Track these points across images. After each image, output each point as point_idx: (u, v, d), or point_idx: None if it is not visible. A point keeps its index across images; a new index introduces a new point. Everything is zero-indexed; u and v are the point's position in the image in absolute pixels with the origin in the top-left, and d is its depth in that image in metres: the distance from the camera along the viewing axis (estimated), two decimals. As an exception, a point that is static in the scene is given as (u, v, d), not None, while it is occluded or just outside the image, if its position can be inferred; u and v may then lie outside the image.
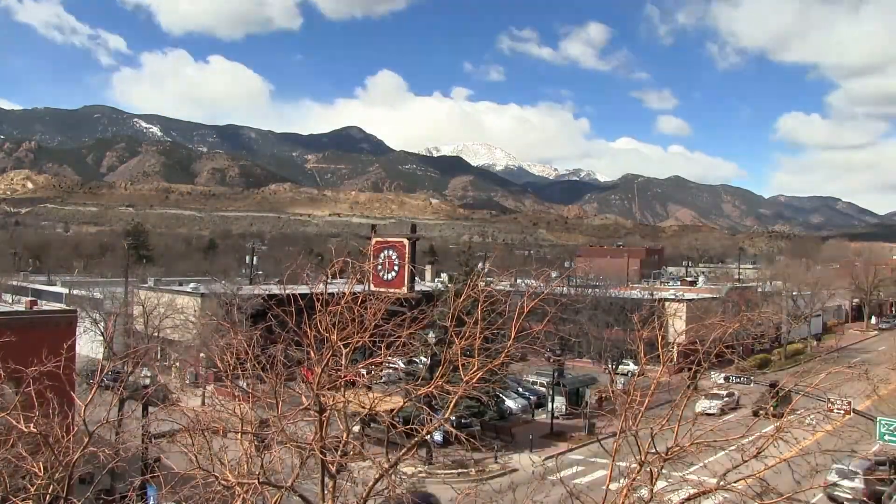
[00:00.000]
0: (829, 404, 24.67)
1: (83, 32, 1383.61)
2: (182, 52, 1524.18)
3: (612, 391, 10.23)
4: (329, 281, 10.48)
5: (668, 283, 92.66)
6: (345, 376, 9.50)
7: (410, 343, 10.32)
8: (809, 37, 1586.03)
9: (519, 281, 57.63)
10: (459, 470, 31.81)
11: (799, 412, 9.69)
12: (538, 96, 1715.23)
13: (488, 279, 24.90)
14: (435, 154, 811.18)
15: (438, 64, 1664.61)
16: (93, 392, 11.16)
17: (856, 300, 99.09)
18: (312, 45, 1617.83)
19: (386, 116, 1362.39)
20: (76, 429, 10.66)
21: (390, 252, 35.56)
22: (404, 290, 33.44)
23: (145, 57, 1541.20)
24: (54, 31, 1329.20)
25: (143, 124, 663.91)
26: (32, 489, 9.86)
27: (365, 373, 10.72)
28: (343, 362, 9.42)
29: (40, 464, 9.78)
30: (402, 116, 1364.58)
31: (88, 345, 47.61)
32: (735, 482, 8.69)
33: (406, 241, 35.35)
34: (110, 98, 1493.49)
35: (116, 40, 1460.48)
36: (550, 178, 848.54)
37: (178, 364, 47.20)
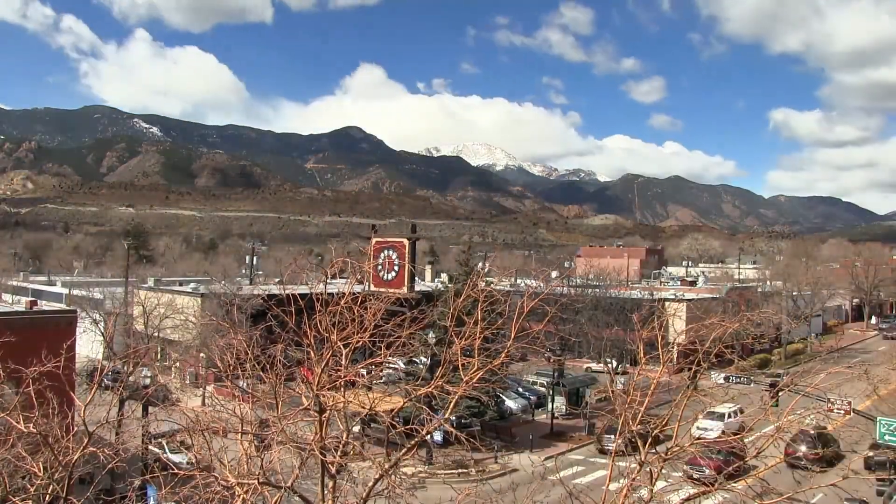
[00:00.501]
0: (830, 404, 24.70)
1: (46, 16, 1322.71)
2: (147, 43, 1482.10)
3: (612, 391, 10.22)
4: (329, 281, 10.47)
5: (668, 283, 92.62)
6: (345, 376, 9.50)
7: (410, 343, 10.31)
8: (807, 27, 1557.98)
9: (519, 281, 57.67)
10: (459, 470, 31.82)
11: (799, 412, 9.69)
12: (526, 91, 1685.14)
13: (488, 279, 24.88)
14: (435, 154, 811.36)
15: (418, 58, 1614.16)
16: (92, 392, 11.16)
17: (856, 300, 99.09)
18: (284, 40, 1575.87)
19: (368, 111, 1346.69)
20: (76, 429, 10.66)
21: (390, 252, 35.56)
22: (404, 290, 33.43)
23: (111, 48, 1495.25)
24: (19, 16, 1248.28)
25: (143, 124, 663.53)
26: (32, 489, 9.86)
27: (365, 373, 10.72)
28: (343, 362, 9.42)
29: (40, 464, 9.78)
30: (384, 112, 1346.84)
31: (88, 345, 47.62)
32: (735, 482, 8.69)
33: (406, 241, 35.34)
34: (75, 90, 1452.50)
35: (79, 26, 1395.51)
36: (550, 178, 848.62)
37: (178, 364, 47.22)
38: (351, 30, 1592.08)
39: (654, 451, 8.75)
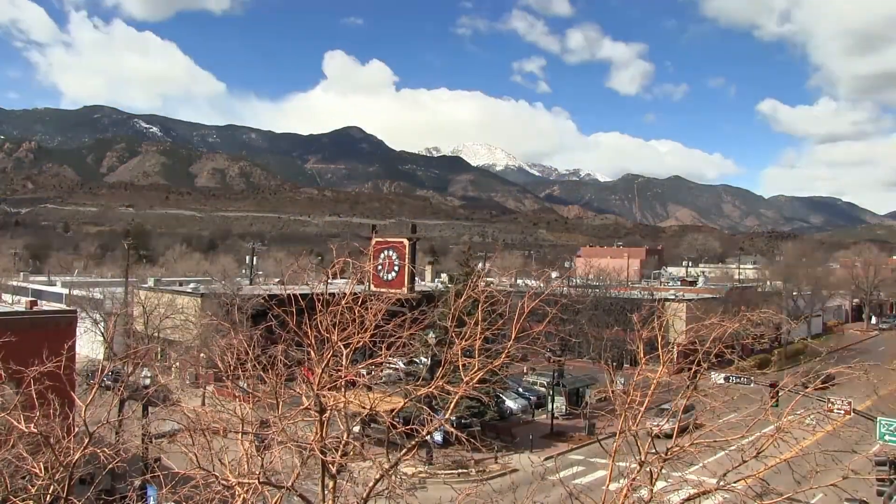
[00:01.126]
0: (829, 404, 24.72)
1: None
2: (114, 33, 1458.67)
3: (612, 391, 10.23)
4: (329, 281, 10.49)
5: (668, 283, 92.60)
6: (345, 376, 9.51)
7: (411, 343, 10.33)
8: (800, 13, 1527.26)
9: (519, 281, 57.66)
10: (460, 470, 31.82)
11: (799, 412, 9.69)
12: (502, 82, 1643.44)
13: (488, 279, 24.89)
14: (435, 154, 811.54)
15: (386, 51, 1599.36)
16: (93, 392, 11.17)
17: (856, 300, 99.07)
18: (251, 32, 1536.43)
19: (347, 105, 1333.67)
20: (77, 429, 10.67)
21: (390, 252, 35.57)
22: (404, 290, 33.44)
23: (74, 37, 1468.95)
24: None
25: (144, 124, 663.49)
26: (33, 489, 9.87)
27: (365, 373, 10.73)
28: (343, 362, 9.43)
29: (41, 464, 9.78)
30: (364, 105, 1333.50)
31: (88, 345, 47.68)
32: (735, 482, 8.69)
33: (406, 242, 35.36)
34: (38, 80, 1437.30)
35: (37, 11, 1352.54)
36: (550, 177, 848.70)
37: (178, 364, 47.22)
38: (310, 18, 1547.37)
39: (653, 451, 8.75)
